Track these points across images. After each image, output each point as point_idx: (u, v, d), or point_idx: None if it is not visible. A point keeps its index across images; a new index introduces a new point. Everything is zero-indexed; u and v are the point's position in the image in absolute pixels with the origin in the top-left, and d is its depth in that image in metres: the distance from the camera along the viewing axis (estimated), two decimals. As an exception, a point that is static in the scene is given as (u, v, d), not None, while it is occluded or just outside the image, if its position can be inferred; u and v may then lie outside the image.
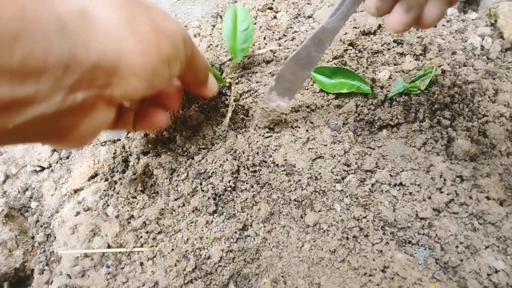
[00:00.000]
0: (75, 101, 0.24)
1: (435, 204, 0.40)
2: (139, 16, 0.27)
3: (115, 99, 0.27)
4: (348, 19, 0.40)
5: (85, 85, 0.24)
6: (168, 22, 0.30)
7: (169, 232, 0.40)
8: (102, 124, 0.28)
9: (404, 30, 0.32)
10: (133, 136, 0.47)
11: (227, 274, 0.38)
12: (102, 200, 0.42)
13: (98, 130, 0.28)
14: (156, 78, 0.28)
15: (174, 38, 0.29)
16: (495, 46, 0.57)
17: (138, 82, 0.26)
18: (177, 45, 0.30)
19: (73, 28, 0.22)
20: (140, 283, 0.38)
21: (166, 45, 0.28)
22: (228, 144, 0.44)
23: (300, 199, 0.41)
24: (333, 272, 0.38)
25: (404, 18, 0.31)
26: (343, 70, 0.48)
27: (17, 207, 0.46)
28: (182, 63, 0.31)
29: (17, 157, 0.50)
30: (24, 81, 0.20)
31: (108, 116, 0.28)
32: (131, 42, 0.25)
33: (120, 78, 0.25)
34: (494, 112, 0.48)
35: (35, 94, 0.21)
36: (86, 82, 0.24)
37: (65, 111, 0.24)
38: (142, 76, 0.26)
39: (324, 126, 0.47)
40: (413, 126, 0.46)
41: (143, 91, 0.27)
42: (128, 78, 0.26)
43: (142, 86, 0.27)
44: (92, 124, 0.27)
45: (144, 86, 0.27)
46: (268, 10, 0.61)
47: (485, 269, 0.37)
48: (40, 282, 0.40)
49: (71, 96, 0.23)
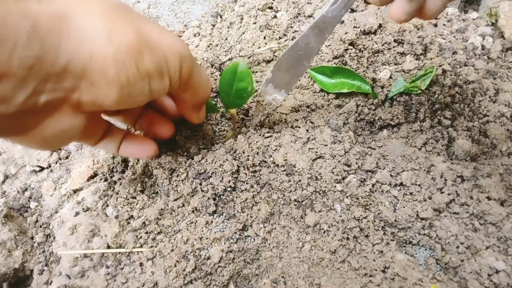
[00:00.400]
0: (38, 102, 0.23)
1: (436, 204, 0.40)
2: (125, 25, 0.26)
3: (83, 105, 0.26)
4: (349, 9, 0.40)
5: (50, 88, 0.23)
6: (163, 37, 0.28)
7: (169, 233, 0.40)
8: (67, 129, 0.27)
9: (406, 20, 0.32)
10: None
11: (227, 274, 0.38)
12: (101, 200, 0.42)
13: (63, 135, 0.27)
14: (133, 90, 0.27)
15: (163, 54, 0.28)
16: (496, 45, 0.56)
17: (109, 89, 0.25)
18: (166, 61, 0.28)
19: (44, 30, 0.22)
20: (140, 284, 0.38)
21: (149, 58, 0.27)
22: (228, 144, 0.44)
23: (300, 199, 0.41)
24: (333, 273, 0.38)
25: (406, 7, 0.30)
26: (344, 69, 0.48)
27: (17, 207, 0.46)
28: (174, 81, 0.30)
29: (17, 157, 0.50)
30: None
31: (75, 122, 0.27)
32: (105, 48, 0.24)
33: (89, 84, 0.25)
34: (495, 112, 0.47)
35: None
36: (51, 84, 0.23)
37: (27, 111, 0.23)
38: (114, 84, 0.25)
39: (325, 126, 0.47)
40: (413, 126, 0.46)
41: (116, 100, 0.26)
42: (98, 84, 0.25)
43: (114, 95, 0.26)
44: (55, 127, 0.26)
45: (117, 95, 0.26)
46: (268, 10, 0.61)
47: (485, 269, 0.37)
48: (40, 282, 0.40)
49: (34, 97, 0.23)
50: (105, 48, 0.24)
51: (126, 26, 0.26)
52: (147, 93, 0.28)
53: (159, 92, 0.29)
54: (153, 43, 0.27)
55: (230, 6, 0.64)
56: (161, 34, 0.28)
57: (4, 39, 0.20)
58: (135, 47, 0.26)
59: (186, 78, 0.31)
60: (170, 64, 0.29)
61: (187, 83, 0.32)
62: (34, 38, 0.21)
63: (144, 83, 0.27)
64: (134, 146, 0.38)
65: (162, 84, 0.29)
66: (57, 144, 0.29)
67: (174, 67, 0.29)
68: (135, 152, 0.38)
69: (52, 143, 0.28)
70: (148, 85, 0.28)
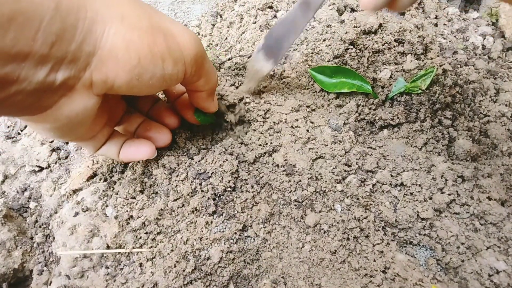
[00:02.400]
0: (55, 80, 0.24)
1: (436, 205, 0.40)
2: (138, 11, 0.27)
3: (96, 85, 0.26)
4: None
5: (66, 66, 0.24)
6: (176, 26, 0.29)
7: (169, 233, 0.40)
8: (80, 110, 0.27)
9: (374, 9, 0.32)
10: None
11: (227, 275, 0.38)
12: (101, 200, 0.42)
13: (76, 116, 0.28)
14: (144, 72, 0.27)
15: (176, 40, 0.29)
16: (496, 45, 0.56)
17: (119, 68, 0.26)
18: (180, 48, 0.29)
19: (65, 8, 0.22)
20: (140, 284, 0.37)
21: (162, 42, 0.27)
22: (227, 144, 0.44)
23: (300, 199, 0.41)
24: (333, 273, 0.38)
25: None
26: (344, 69, 0.48)
27: (16, 207, 0.46)
28: (190, 68, 0.31)
29: (16, 157, 0.49)
30: (11, 61, 0.21)
31: (88, 103, 0.28)
32: (117, 27, 0.25)
33: (101, 61, 0.25)
34: (496, 112, 0.47)
35: (19, 74, 0.22)
36: (67, 62, 0.24)
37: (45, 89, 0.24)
38: (123, 63, 0.26)
39: (325, 126, 0.46)
40: (414, 126, 0.46)
41: (126, 80, 0.27)
42: (108, 62, 0.25)
43: (124, 75, 0.26)
44: (70, 107, 0.27)
45: (127, 75, 0.26)
46: (268, 9, 0.61)
47: (486, 270, 0.37)
48: (39, 282, 0.40)
49: (52, 75, 0.24)
50: (117, 28, 0.25)
51: (140, 12, 0.27)
52: (160, 77, 0.29)
53: (172, 78, 0.30)
54: (167, 29, 0.28)
55: (230, 6, 0.64)
56: (174, 23, 0.30)
57: (30, 18, 0.20)
58: (148, 30, 0.26)
59: (201, 64, 0.32)
60: (184, 50, 0.29)
61: (200, 70, 0.33)
62: (56, 17, 0.22)
63: (157, 66, 0.28)
64: (132, 147, 0.39)
65: (176, 69, 0.30)
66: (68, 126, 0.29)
67: (189, 52, 0.30)
68: (134, 154, 0.39)
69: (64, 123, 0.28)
70: (162, 69, 0.28)
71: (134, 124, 0.41)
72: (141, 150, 0.39)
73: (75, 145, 0.49)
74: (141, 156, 0.39)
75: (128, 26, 0.26)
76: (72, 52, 0.24)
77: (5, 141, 0.52)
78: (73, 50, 0.24)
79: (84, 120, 0.29)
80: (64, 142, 0.50)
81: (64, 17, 0.22)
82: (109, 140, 0.38)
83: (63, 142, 0.50)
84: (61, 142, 0.50)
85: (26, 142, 0.50)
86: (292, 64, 0.52)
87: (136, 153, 0.39)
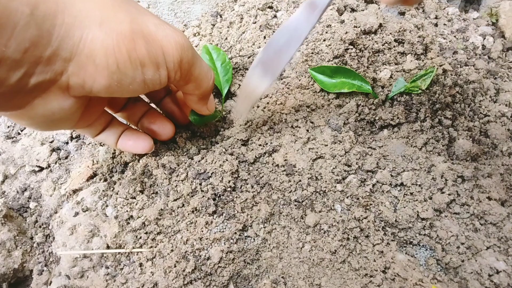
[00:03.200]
0: (28, 84, 0.24)
1: (436, 205, 0.40)
2: (120, 14, 0.26)
3: (72, 88, 0.26)
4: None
5: (40, 70, 0.24)
6: (161, 29, 0.28)
7: (169, 233, 0.40)
8: (56, 111, 0.27)
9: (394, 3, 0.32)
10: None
11: (227, 275, 0.38)
12: (101, 200, 0.42)
13: (52, 116, 0.28)
14: (124, 77, 0.27)
15: (159, 44, 0.28)
16: (496, 45, 0.56)
17: (97, 74, 0.26)
18: (163, 52, 0.28)
19: (41, 14, 0.22)
20: (140, 284, 0.37)
21: (142, 47, 0.27)
22: (228, 144, 0.44)
23: (300, 199, 0.41)
24: (333, 273, 0.38)
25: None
26: (344, 69, 0.48)
27: (16, 207, 0.46)
28: (173, 72, 0.30)
29: (16, 157, 0.49)
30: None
31: (64, 105, 0.27)
32: (95, 33, 0.25)
33: (78, 67, 0.25)
34: (496, 112, 0.47)
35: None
36: (41, 67, 0.24)
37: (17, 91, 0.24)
38: (102, 70, 0.25)
39: (325, 126, 0.46)
40: (414, 126, 0.46)
41: (105, 86, 0.26)
42: (85, 68, 0.25)
43: (103, 81, 0.26)
44: (44, 108, 0.26)
45: (106, 81, 0.26)
46: (268, 9, 0.61)
47: (486, 270, 0.37)
48: (39, 282, 0.40)
49: (25, 79, 0.23)
50: (94, 33, 0.25)
51: (122, 15, 0.26)
52: (141, 82, 0.28)
53: (155, 83, 0.29)
54: (149, 34, 0.27)
55: (230, 6, 0.64)
56: (159, 26, 0.28)
57: (3, 24, 0.20)
58: (127, 35, 0.26)
59: (187, 70, 0.31)
60: (167, 55, 0.28)
61: (188, 75, 0.32)
62: (31, 23, 0.21)
63: (136, 71, 0.27)
64: (131, 140, 0.38)
65: (158, 75, 0.29)
66: (49, 125, 0.29)
67: (172, 58, 0.29)
68: (131, 146, 0.38)
69: (43, 123, 0.28)
70: (141, 74, 0.27)
71: (138, 113, 0.41)
72: (139, 144, 0.38)
73: (75, 145, 0.49)
74: (139, 150, 0.39)
75: (107, 31, 0.25)
76: (47, 58, 0.23)
77: (5, 141, 0.52)
78: (48, 55, 0.23)
79: (65, 117, 0.29)
80: (64, 142, 0.50)
81: (39, 23, 0.22)
82: (108, 127, 0.38)
83: (63, 142, 0.50)
84: (61, 142, 0.50)
85: (26, 142, 0.50)
86: (292, 64, 0.52)
87: (133, 146, 0.39)
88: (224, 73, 0.49)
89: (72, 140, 0.50)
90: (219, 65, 0.49)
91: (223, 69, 0.49)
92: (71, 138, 0.50)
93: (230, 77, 0.49)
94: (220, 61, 0.49)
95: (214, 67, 0.49)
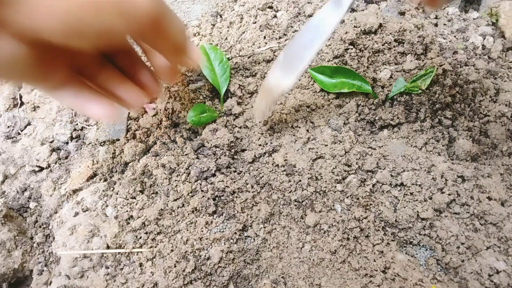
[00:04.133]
0: None
1: (436, 205, 0.40)
2: None
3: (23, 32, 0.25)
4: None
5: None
6: None
7: (169, 233, 0.40)
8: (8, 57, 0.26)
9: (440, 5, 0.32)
10: (132, 135, 0.47)
11: (227, 275, 0.38)
12: (101, 200, 0.42)
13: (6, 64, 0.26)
14: (78, 23, 0.24)
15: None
16: (496, 45, 0.56)
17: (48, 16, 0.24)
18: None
19: None
20: (140, 284, 0.37)
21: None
22: (227, 144, 0.44)
23: (300, 199, 0.41)
24: (333, 273, 0.38)
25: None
26: (344, 69, 0.48)
27: (16, 207, 0.46)
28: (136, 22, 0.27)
29: (16, 157, 0.49)
30: None
31: (17, 51, 0.26)
32: None
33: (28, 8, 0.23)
34: (496, 112, 0.47)
35: None
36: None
37: None
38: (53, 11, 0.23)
39: (325, 126, 0.46)
40: (414, 126, 0.46)
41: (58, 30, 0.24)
42: (35, 9, 0.23)
43: (54, 24, 0.24)
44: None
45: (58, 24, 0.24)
46: (268, 9, 0.61)
47: (486, 270, 0.37)
48: (39, 282, 0.40)
49: None
50: None
51: None
52: (98, 28, 0.26)
53: (115, 32, 0.27)
54: None
55: (230, 6, 0.64)
56: None
57: None
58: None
59: (154, 19, 0.28)
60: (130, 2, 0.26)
61: (156, 26, 0.29)
62: None
63: (92, 16, 0.25)
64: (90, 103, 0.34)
65: (119, 23, 0.26)
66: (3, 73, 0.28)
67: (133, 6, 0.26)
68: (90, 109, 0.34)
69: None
70: (98, 21, 0.25)
71: (104, 76, 0.36)
72: (99, 108, 0.34)
73: (75, 145, 0.49)
74: (96, 114, 0.34)
75: None
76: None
77: (5, 141, 0.52)
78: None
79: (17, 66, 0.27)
80: (64, 142, 0.50)
81: None
82: (66, 84, 0.33)
83: (63, 142, 0.50)
84: (61, 142, 0.50)
85: (26, 142, 0.50)
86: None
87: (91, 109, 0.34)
88: (222, 72, 0.49)
89: (72, 140, 0.50)
90: (217, 65, 0.50)
91: (221, 68, 0.49)
92: (71, 138, 0.50)
93: (228, 76, 0.49)
94: (218, 60, 0.50)
95: (211, 67, 0.49)
